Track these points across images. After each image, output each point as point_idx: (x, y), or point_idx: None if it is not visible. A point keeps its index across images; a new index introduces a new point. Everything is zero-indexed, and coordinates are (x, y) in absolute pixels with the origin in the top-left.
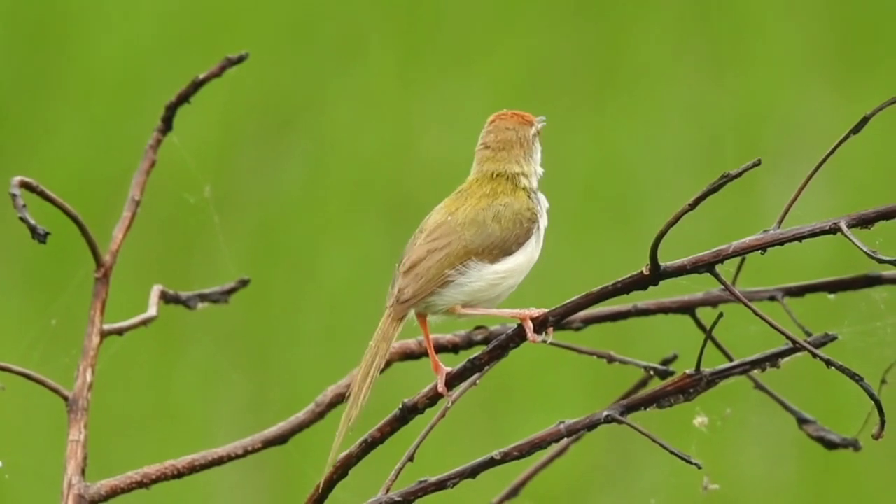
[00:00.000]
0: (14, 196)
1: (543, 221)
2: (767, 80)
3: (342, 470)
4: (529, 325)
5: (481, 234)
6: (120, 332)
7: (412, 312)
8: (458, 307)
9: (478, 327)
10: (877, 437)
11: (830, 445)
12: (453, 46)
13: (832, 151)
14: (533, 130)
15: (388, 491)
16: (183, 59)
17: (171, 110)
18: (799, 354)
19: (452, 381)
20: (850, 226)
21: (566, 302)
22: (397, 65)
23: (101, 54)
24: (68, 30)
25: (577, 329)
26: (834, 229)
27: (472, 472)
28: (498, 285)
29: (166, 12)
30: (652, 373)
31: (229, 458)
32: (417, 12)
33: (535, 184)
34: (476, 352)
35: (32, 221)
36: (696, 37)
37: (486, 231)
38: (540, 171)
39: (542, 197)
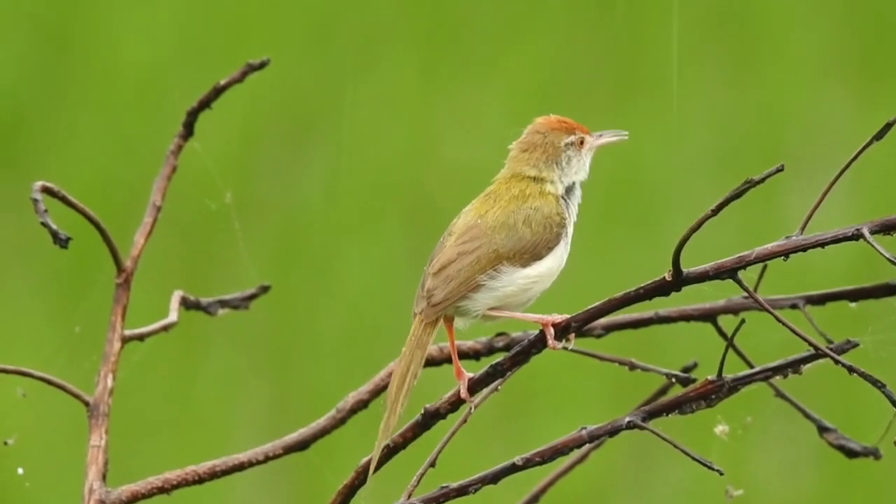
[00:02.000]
0: (36, 201)
1: (571, 229)
2: (788, 85)
3: (364, 475)
4: (550, 332)
5: (512, 237)
6: (141, 337)
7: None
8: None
9: (499, 334)
10: None
11: (851, 454)
12: (474, 50)
13: (855, 157)
14: (569, 139)
15: (409, 496)
16: (204, 65)
17: (192, 116)
18: (820, 361)
19: (474, 386)
20: (872, 232)
21: (588, 308)
22: (417, 69)
23: (123, 59)
24: (90, 35)
25: (599, 336)
26: (856, 236)
27: (494, 478)
28: (529, 290)
29: (187, 17)
30: (673, 380)
31: (250, 464)
32: (438, 16)
33: (560, 190)
34: (498, 358)
35: (54, 226)
36: (716, 42)
37: (516, 235)
38: (569, 180)
39: (573, 205)
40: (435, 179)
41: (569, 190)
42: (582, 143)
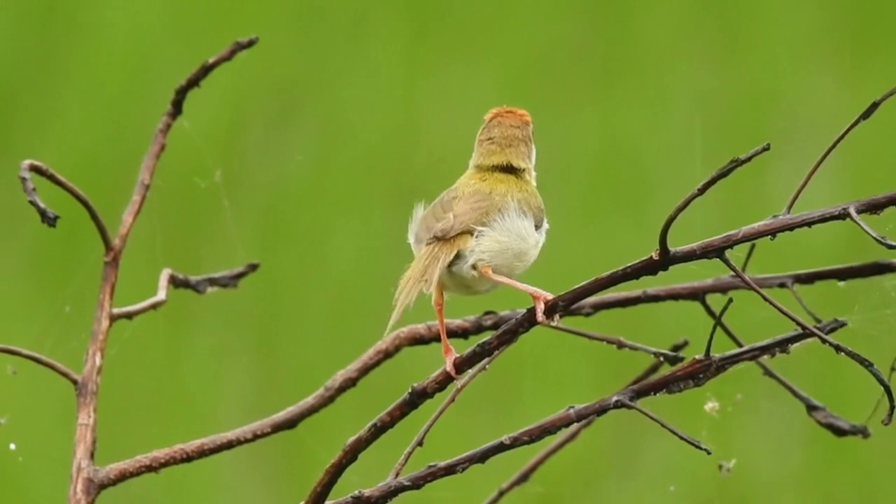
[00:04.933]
0: (24, 179)
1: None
2: (774, 64)
3: (352, 454)
4: (541, 306)
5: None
6: (129, 315)
7: (432, 290)
8: (485, 267)
9: (487, 312)
10: (886, 422)
11: (839, 432)
12: (460, 30)
13: (841, 137)
14: (530, 130)
15: (397, 475)
16: (192, 43)
17: (181, 94)
18: (808, 340)
19: (462, 365)
20: (859, 211)
21: (575, 287)
22: (404, 49)
23: (111, 37)
24: (77, 12)
25: (587, 315)
26: (843, 215)
27: (482, 457)
28: (525, 239)
29: None
30: (662, 359)
31: (238, 442)
32: None
33: (532, 177)
34: (486, 337)
35: (42, 205)
36: (703, 21)
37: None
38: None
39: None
40: (421, 158)
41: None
42: (533, 134)
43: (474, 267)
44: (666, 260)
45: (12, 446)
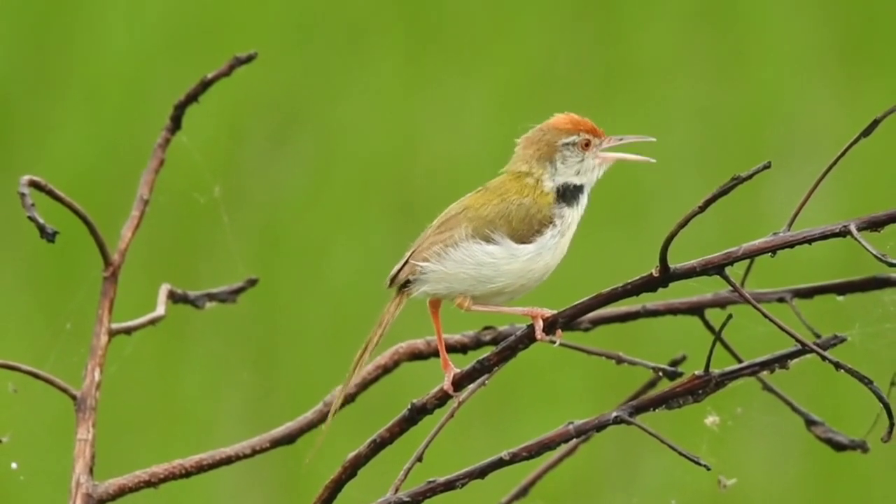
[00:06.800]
0: (23, 195)
1: (560, 230)
2: (772, 79)
3: (351, 470)
4: (539, 324)
5: (487, 227)
6: (128, 331)
7: (426, 302)
8: (466, 301)
9: (486, 328)
10: (886, 439)
11: (839, 447)
12: (457, 46)
13: (842, 154)
14: (568, 139)
15: (396, 491)
16: (190, 58)
17: (180, 109)
18: (807, 356)
19: (461, 381)
20: (859, 229)
21: (575, 303)
22: (402, 64)
23: (109, 52)
24: (75, 28)
25: (586, 330)
26: (844, 232)
27: (481, 473)
28: (482, 266)
29: (173, 10)
30: (660, 374)
31: (237, 458)
32: (422, 10)
33: (548, 188)
34: (485, 352)
35: (41, 220)
36: (701, 36)
37: (492, 226)
38: (561, 179)
39: (574, 210)
40: (419, 173)
41: (564, 191)
42: (587, 145)
43: (433, 292)
44: (666, 277)
45: (14, 465)
